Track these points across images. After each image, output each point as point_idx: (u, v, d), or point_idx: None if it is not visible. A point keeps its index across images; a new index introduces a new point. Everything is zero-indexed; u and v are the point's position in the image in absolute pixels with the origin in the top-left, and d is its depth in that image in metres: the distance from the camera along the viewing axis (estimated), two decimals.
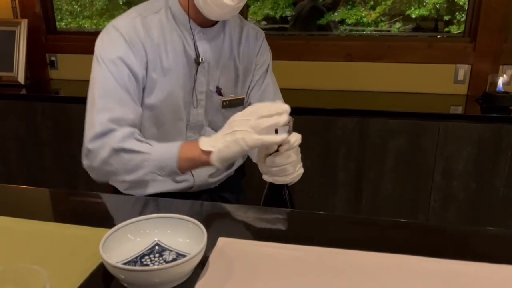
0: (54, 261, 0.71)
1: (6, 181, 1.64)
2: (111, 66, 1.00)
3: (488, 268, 0.70)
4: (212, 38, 1.09)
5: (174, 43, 1.06)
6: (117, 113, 0.98)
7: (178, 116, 1.10)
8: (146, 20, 1.04)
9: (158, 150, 0.96)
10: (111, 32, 1.03)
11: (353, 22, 2.70)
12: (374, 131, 1.86)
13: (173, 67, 1.06)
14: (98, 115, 0.98)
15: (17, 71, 2.36)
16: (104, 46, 1.03)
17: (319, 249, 0.75)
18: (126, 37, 1.01)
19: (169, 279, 0.64)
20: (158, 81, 1.05)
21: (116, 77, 1.00)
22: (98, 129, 0.97)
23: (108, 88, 0.99)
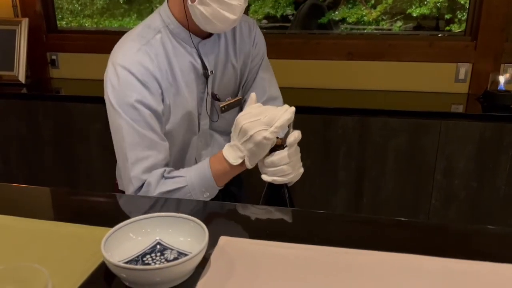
0: (55, 260, 0.71)
1: (7, 180, 1.64)
2: (131, 112, 0.96)
3: (489, 267, 0.69)
4: (211, 46, 1.07)
5: (180, 62, 1.03)
6: (150, 161, 0.98)
7: (192, 130, 1.10)
8: (149, 46, 0.99)
9: (193, 178, 0.98)
10: (120, 74, 0.97)
11: (354, 21, 2.70)
12: (375, 130, 1.86)
13: (184, 86, 1.03)
14: (133, 171, 0.98)
15: (18, 70, 2.36)
16: (117, 91, 0.97)
17: (320, 248, 0.75)
18: (139, 76, 0.96)
19: (171, 278, 0.64)
20: (173, 105, 1.03)
21: (139, 123, 0.97)
22: (136, 185, 0.99)
23: (134, 137, 0.97)
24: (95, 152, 2.16)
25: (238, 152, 0.93)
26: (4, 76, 2.36)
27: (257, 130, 0.88)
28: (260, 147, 0.89)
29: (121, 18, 3.16)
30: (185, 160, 1.14)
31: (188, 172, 0.99)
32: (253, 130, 0.88)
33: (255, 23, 1.18)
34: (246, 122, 0.89)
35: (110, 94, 0.99)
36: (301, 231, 0.83)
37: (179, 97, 1.04)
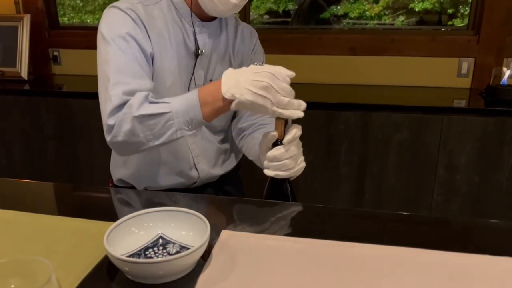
0: (59, 254, 0.72)
1: (10, 176, 1.64)
2: (121, 42, 0.97)
3: (491, 260, 0.70)
4: (211, 32, 1.10)
5: (175, 34, 1.05)
6: (132, 85, 0.94)
7: None
8: (148, 8, 1.03)
9: (178, 105, 0.91)
10: (115, 12, 1.00)
11: (356, 16, 2.69)
12: (377, 125, 1.86)
13: (174, 58, 1.05)
14: (113, 90, 0.94)
15: (20, 66, 2.36)
16: (110, 25, 0.99)
17: (321, 241, 0.75)
18: (132, 16, 0.99)
19: (173, 271, 0.65)
20: (159, 71, 1.04)
21: (127, 52, 0.97)
22: (115, 102, 0.93)
23: (120, 63, 0.96)
24: (97, 147, 2.17)
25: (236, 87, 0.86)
26: (6, 72, 2.36)
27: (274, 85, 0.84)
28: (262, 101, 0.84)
29: None
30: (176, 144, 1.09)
31: (174, 99, 0.93)
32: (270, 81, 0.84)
33: (257, 35, 1.21)
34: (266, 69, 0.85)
35: (103, 29, 0.99)
36: (303, 225, 0.84)
37: (167, 66, 1.03)
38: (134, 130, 0.92)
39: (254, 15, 2.85)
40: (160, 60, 1.03)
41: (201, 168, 1.17)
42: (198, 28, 1.07)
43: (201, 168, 1.17)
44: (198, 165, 1.16)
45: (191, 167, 1.16)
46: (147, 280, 0.65)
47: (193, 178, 1.17)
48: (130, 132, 0.92)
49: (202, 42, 1.08)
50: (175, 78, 1.06)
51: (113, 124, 0.94)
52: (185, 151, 1.14)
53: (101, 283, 0.66)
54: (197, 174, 1.17)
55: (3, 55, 2.40)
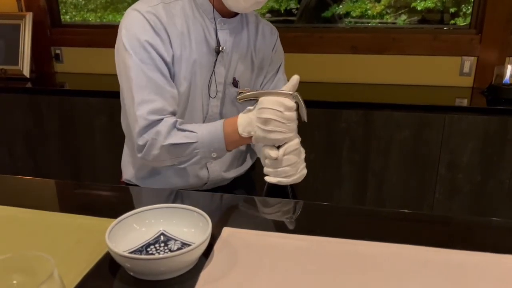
0: (61, 250, 0.72)
1: (13, 173, 1.65)
2: (141, 53, 0.97)
3: (492, 258, 0.70)
4: (232, 29, 1.09)
5: (197, 31, 1.05)
6: (156, 103, 0.97)
7: (195, 106, 1.08)
8: (169, 6, 1.02)
9: (205, 136, 0.97)
10: (134, 16, 1.00)
11: (358, 14, 2.68)
12: (379, 124, 1.85)
13: (195, 56, 1.05)
14: (139, 110, 0.97)
15: (22, 64, 2.37)
16: (130, 31, 0.99)
17: (322, 239, 0.75)
18: (151, 22, 0.99)
19: (175, 268, 0.65)
20: (181, 69, 1.04)
21: (148, 65, 0.98)
22: (142, 124, 0.97)
23: (142, 79, 0.97)
24: (99, 145, 2.17)
25: (249, 125, 0.93)
26: (8, 70, 2.37)
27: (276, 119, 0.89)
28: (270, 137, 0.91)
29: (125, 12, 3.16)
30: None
31: (200, 128, 0.98)
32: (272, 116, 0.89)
33: (277, 32, 1.22)
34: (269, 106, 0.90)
35: (124, 36, 1.00)
36: (305, 223, 0.84)
37: (189, 64, 1.04)
38: (162, 156, 0.98)
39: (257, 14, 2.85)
40: (180, 59, 1.03)
41: (212, 169, 1.15)
42: (219, 25, 1.06)
43: (212, 169, 1.15)
44: (209, 166, 1.15)
45: (202, 167, 1.14)
46: (149, 276, 0.65)
47: (202, 179, 1.15)
48: (158, 157, 0.98)
49: (223, 39, 1.07)
50: (197, 76, 1.06)
51: (143, 144, 0.98)
52: None
53: (103, 280, 0.66)
54: (207, 175, 1.15)
55: (5, 53, 2.40)
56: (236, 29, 1.10)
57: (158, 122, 0.97)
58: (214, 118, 1.11)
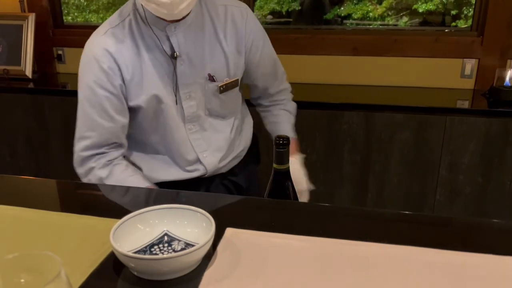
0: (65, 250, 0.73)
1: (14, 173, 1.65)
2: (86, 92, 1.06)
3: (494, 259, 0.70)
4: (187, 29, 1.07)
5: (148, 45, 1.06)
6: (89, 141, 1.09)
7: (168, 113, 1.10)
8: (117, 29, 1.06)
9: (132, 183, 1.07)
10: (86, 56, 1.08)
11: (359, 16, 2.69)
12: (380, 125, 1.86)
13: (152, 69, 1.06)
14: (77, 145, 1.11)
15: (24, 64, 2.37)
16: (80, 71, 1.08)
17: (325, 240, 0.75)
18: (98, 57, 1.04)
19: (178, 268, 0.65)
20: (142, 86, 1.07)
21: (90, 102, 1.06)
22: (76, 159, 1.11)
23: (83, 116, 1.08)
24: None
25: None
26: (11, 70, 2.38)
27: None
28: None
29: None
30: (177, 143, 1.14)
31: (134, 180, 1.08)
32: None
33: (247, 9, 1.17)
34: None
35: (79, 72, 1.09)
36: (307, 224, 0.84)
37: (148, 79, 1.07)
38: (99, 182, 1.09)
39: (258, 16, 2.86)
40: (141, 76, 1.06)
41: (208, 162, 1.17)
42: (169, 31, 1.05)
43: (207, 161, 1.17)
44: (205, 159, 1.17)
45: (196, 162, 1.17)
46: (153, 276, 0.66)
47: (199, 171, 1.17)
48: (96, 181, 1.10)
49: (177, 43, 1.06)
50: (159, 87, 1.08)
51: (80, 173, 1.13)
52: (188, 149, 1.15)
53: (107, 279, 0.66)
54: (204, 169, 1.17)
55: (7, 54, 2.41)
56: (193, 28, 1.08)
57: (91, 157, 1.10)
58: (196, 117, 1.14)
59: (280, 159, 0.95)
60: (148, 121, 1.12)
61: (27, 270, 0.48)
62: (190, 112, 1.13)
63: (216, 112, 1.17)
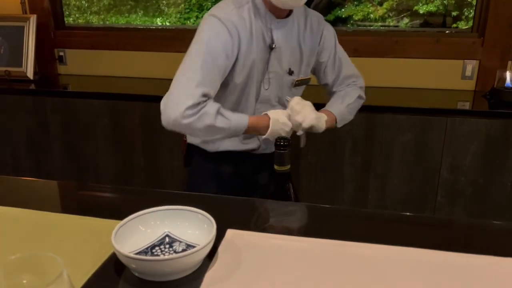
0: (67, 251, 0.73)
1: (16, 174, 1.66)
2: (215, 49, 1.14)
3: (494, 261, 0.70)
4: (285, 28, 1.25)
5: (257, 31, 1.21)
6: (209, 89, 1.14)
7: (249, 92, 1.26)
8: (240, 11, 1.19)
9: (234, 125, 1.16)
10: (213, 21, 1.16)
11: (360, 18, 2.69)
12: (381, 127, 1.86)
13: (255, 52, 1.21)
14: (197, 88, 1.11)
15: (26, 66, 2.38)
16: (209, 31, 1.16)
17: (325, 241, 0.76)
18: (229, 28, 1.15)
19: (179, 269, 0.66)
20: (243, 64, 1.21)
21: (216, 59, 1.14)
22: (195, 101, 1.11)
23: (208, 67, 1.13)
24: (101, 147, 2.18)
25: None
26: (13, 72, 2.38)
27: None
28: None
29: (128, 14, 3.17)
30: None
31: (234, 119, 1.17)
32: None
33: (323, 18, 1.37)
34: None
35: (201, 34, 1.17)
36: (308, 225, 0.84)
37: (250, 59, 1.21)
38: (200, 131, 1.15)
39: None
40: (249, 54, 1.21)
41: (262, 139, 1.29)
42: (274, 25, 1.23)
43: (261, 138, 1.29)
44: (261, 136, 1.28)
45: (253, 136, 1.32)
46: (154, 277, 0.66)
47: (253, 144, 1.34)
48: (196, 130, 1.14)
49: (276, 37, 1.24)
50: (254, 69, 1.23)
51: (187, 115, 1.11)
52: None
53: (109, 280, 0.67)
54: (257, 144, 1.34)
55: (9, 55, 2.42)
56: (288, 28, 1.26)
57: (206, 104, 1.13)
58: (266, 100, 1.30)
59: (280, 161, 0.96)
60: (232, 89, 1.24)
61: (29, 271, 0.48)
62: (264, 95, 1.29)
63: (283, 101, 1.33)
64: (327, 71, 1.40)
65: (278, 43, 1.24)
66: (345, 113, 1.38)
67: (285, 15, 1.24)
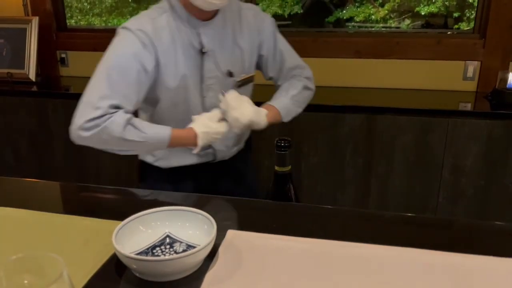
0: (68, 251, 0.73)
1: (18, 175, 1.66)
2: (125, 60, 1.07)
3: (496, 261, 0.70)
4: (214, 28, 1.17)
5: (182, 39, 1.14)
6: (120, 101, 1.07)
7: (192, 102, 1.19)
8: (156, 21, 1.12)
9: (151, 138, 1.08)
10: (125, 33, 1.10)
11: (361, 19, 2.70)
12: (383, 128, 1.86)
13: (184, 61, 1.14)
14: (102, 101, 1.05)
15: (28, 68, 2.39)
16: (119, 43, 1.10)
17: (326, 241, 0.76)
18: (140, 37, 1.08)
19: (180, 269, 0.66)
20: (174, 74, 1.14)
21: (127, 71, 1.07)
22: (98, 113, 1.04)
23: (115, 77, 1.07)
24: None
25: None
26: (15, 74, 2.39)
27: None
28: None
29: (130, 16, 3.19)
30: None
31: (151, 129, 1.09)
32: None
33: (259, 10, 1.29)
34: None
35: (113, 46, 1.10)
36: (308, 226, 0.84)
37: (180, 70, 1.14)
38: (108, 143, 1.08)
39: None
40: (174, 65, 1.14)
41: (219, 148, 1.26)
42: (201, 29, 1.15)
43: (219, 148, 1.26)
44: (216, 146, 1.25)
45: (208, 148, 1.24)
46: (155, 277, 0.66)
47: (209, 156, 1.27)
48: (104, 141, 1.07)
49: (206, 40, 1.16)
50: (189, 77, 1.16)
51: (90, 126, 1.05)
52: None
53: (110, 281, 0.67)
54: (214, 155, 1.27)
55: (11, 57, 2.43)
56: (219, 28, 1.18)
57: (114, 115, 1.05)
58: (214, 106, 1.20)
59: (281, 161, 0.96)
60: (173, 108, 1.18)
61: (30, 271, 0.48)
62: (210, 102, 1.21)
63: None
64: (269, 64, 1.31)
65: (210, 47, 1.16)
66: (290, 105, 1.27)
67: (210, 16, 1.16)
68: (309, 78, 1.36)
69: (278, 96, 1.29)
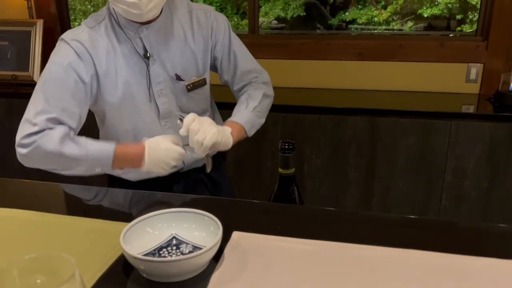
0: (76, 252, 0.74)
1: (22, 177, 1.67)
2: (60, 72, 1.05)
3: (498, 263, 0.71)
4: (158, 32, 1.13)
5: (123, 46, 1.11)
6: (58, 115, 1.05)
7: (142, 109, 1.15)
8: (93, 30, 1.10)
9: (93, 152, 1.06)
10: (60, 44, 1.09)
11: (364, 21, 2.70)
12: (385, 130, 1.87)
13: (127, 68, 1.11)
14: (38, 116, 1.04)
15: (32, 70, 2.40)
16: (54, 55, 1.09)
17: (330, 243, 0.76)
18: (75, 47, 1.07)
19: (186, 270, 0.67)
20: (116, 83, 1.11)
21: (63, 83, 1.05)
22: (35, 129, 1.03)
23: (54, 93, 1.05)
24: None
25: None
26: (19, 76, 2.40)
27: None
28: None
29: None
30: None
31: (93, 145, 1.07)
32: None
33: (212, 10, 1.23)
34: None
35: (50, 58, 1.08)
36: (312, 227, 0.85)
37: (123, 78, 1.11)
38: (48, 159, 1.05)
39: (263, 22, 2.88)
40: (115, 74, 1.11)
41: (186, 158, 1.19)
42: (142, 33, 1.12)
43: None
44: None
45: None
46: (161, 278, 0.67)
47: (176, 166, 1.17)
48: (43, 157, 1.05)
49: (149, 44, 1.13)
50: (133, 86, 1.13)
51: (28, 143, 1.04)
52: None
53: (117, 281, 0.68)
54: (181, 163, 1.20)
55: (16, 60, 2.44)
56: (162, 29, 1.14)
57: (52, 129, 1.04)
58: (169, 112, 1.18)
59: (285, 164, 0.96)
60: (123, 119, 1.15)
61: (42, 271, 0.49)
62: (164, 109, 1.17)
63: (188, 109, 1.20)
64: (223, 66, 1.24)
65: (154, 50, 1.13)
66: (253, 118, 1.19)
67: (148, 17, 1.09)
68: (266, 83, 1.28)
69: (239, 111, 1.21)
